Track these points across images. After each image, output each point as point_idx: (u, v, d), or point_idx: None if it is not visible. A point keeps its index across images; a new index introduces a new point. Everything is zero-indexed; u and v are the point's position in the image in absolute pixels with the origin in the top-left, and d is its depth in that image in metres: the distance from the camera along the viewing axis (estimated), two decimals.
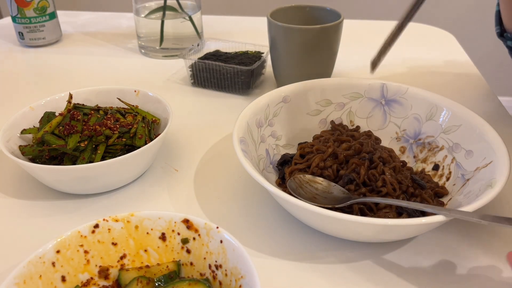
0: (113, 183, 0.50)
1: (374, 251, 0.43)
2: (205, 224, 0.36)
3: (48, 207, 0.48)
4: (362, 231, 0.40)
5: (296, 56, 0.65)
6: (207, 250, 0.36)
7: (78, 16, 1.04)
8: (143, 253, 0.38)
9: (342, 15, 0.65)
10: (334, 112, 0.57)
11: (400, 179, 0.46)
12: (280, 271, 0.41)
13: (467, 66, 0.80)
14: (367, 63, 0.45)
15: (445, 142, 0.50)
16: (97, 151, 0.49)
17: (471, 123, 0.48)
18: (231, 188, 0.51)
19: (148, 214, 0.37)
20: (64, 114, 0.52)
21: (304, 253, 0.43)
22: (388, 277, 0.40)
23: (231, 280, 0.34)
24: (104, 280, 0.37)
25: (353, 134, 0.52)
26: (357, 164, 0.46)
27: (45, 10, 0.85)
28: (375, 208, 0.44)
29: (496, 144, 0.44)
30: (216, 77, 0.70)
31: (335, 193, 0.45)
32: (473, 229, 0.45)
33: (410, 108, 0.54)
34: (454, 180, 0.47)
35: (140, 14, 0.81)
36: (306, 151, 0.50)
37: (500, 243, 0.43)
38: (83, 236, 0.36)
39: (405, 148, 0.54)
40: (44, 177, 0.48)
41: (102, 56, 0.85)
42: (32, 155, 0.50)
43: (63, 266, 0.35)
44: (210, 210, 0.48)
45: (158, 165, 0.55)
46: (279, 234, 0.45)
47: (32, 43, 0.87)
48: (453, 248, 0.43)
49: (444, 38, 0.92)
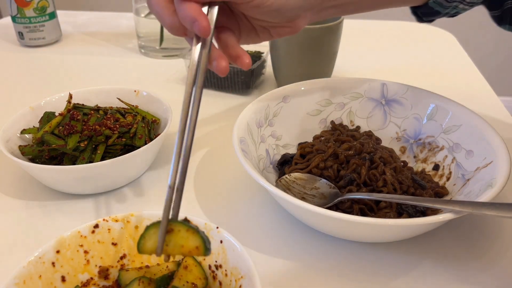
0: (113, 183, 0.50)
1: (374, 251, 0.43)
2: (205, 224, 0.36)
3: (47, 207, 0.48)
4: (362, 231, 0.40)
5: (296, 56, 0.64)
6: None
7: (78, 16, 1.04)
8: None
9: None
10: (334, 112, 0.57)
11: (400, 179, 0.45)
12: (280, 271, 0.41)
13: (468, 66, 0.79)
14: (367, 63, 0.45)
15: (446, 142, 0.50)
16: (97, 151, 0.49)
17: (471, 123, 0.48)
18: (231, 188, 0.51)
19: (148, 214, 0.37)
20: (64, 114, 0.52)
21: (303, 253, 0.43)
22: (388, 277, 0.40)
23: (231, 280, 0.34)
24: (104, 280, 0.37)
25: (354, 134, 0.52)
26: (358, 164, 0.46)
27: (45, 10, 0.85)
28: (376, 208, 0.44)
29: (496, 144, 0.44)
30: (216, 77, 0.70)
31: (322, 188, 0.45)
32: (474, 228, 0.45)
33: (410, 108, 0.54)
34: (454, 180, 0.47)
35: (140, 14, 0.81)
36: (306, 151, 0.50)
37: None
38: (83, 236, 0.36)
39: (405, 148, 0.54)
40: (43, 177, 0.48)
41: (102, 56, 0.85)
42: (32, 155, 0.49)
43: (63, 266, 0.35)
44: (210, 210, 0.48)
45: (158, 165, 0.55)
46: (279, 234, 0.45)
47: (32, 43, 0.87)
48: (454, 248, 0.43)
49: (445, 38, 0.92)
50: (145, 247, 0.31)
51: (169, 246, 0.31)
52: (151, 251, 0.31)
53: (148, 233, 0.31)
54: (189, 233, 0.31)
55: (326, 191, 0.45)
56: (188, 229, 0.31)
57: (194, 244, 0.31)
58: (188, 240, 0.31)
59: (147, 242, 0.31)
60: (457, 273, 0.40)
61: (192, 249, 0.31)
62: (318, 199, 0.45)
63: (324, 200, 0.45)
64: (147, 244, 0.31)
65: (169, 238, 0.31)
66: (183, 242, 0.31)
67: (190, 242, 0.31)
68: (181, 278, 0.35)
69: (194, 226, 0.31)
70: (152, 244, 0.31)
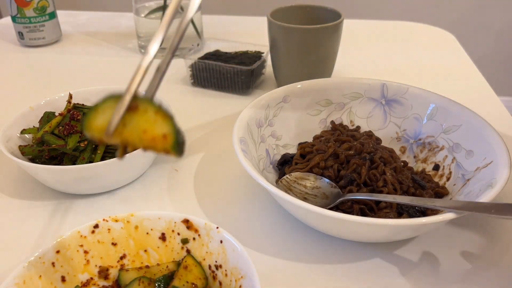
0: (113, 183, 0.50)
1: (374, 251, 0.43)
2: (205, 224, 0.36)
3: (48, 207, 0.48)
4: (362, 231, 0.40)
5: (296, 56, 0.64)
6: (207, 250, 0.36)
7: (78, 16, 1.04)
8: (143, 253, 0.37)
9: (342, 15, 0.65)
10: (334, 112, 0.57)
11: (401, 179, 0.45)
12: (280, 272, 0.41)
13: (468, 66, 0.79)
14: (367, 63, 0.45)
15: (446, 142, 0.50)
16: (97, 151, 0.49)
17: (471, 123, 0.48)
18: (231, 188, 0.51)
19: (148, 214, 0.37)
20: (64, 114, 0.52)
21: (304, 253, 0.43)
22: (389, 277, 0.40)
23: (231, 281, 0.34)
24: (104, 280, 0.37)
25: (354, 134, 0.52)
26: (358, 164, 0.46)
27: (45, 10, 0.85)
28: (376, 208, 0.44)
29: (496, 144, 0.44)
30: (216, 77, 0.70)
31: (323, 188, 0.45)
32: (475, 227, 0.45)
33: (411, 108, 0.54)
34: (454, 180, 0.47)
35: (140, 14, 0.81)
36: (306, 151, 0.50)
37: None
38: (83, 236, 0.36)
39: (405, 148, 0.54)
40: (43, 177, 0.48)
41: (102, 56, 0.85)
42: (32, 155, 0.49)
43: (63, 266, 0.35)
44: (210, 210, 0.48)
45: (158, 165, 0.55)
46: (279, 234, 0.45)
47: (32, 43, 0.87)
48: (454, 248, 0.43)
49: (445, 38, 0.92)
50: (94, 123, 0.23)
51: (126, 127, 0.23)
52: (101, 130, 0.23)
53: (103, 105, 0.23)
54: (158, 116, 0.24)
55: (328, 191, 0.45)
56: (158, 111, 0.24)
57: (161, 131, 0.24)
58: (155, 124, 0.23)
59: (99, 117, 0.23)
60: (458, 273, 0.40)
61: (157, 136, 0.23)
62: (320, 199, 0.45)
63: (326, 200, 0.45)
64: (99, 119, 0.23)
65: (130, 117, 0.23)
66: (146, 126, 0.23)
67: (156, 128, 0.23)
68: (181, 278, 0.35)
69: (167, 111, 0.24)
70: (104, 120, 0.23)
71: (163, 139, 0.23)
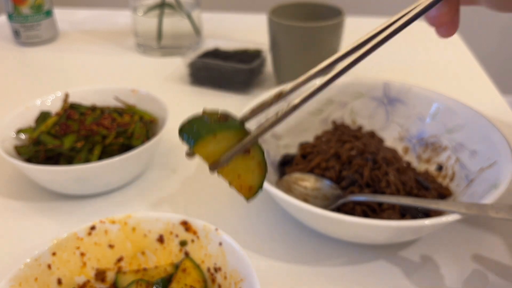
0: (110, 184, 0.49)
1: (375, 253, 0.42)
2: (203, 226, 0.35)
3: (44, 209, 0.48)
4: (364, 233, 0.39)
5: (297, 54, 0.64)
6: (206, 252, 0.35)
7: (75, 13, 1.04)
8: (140, 255, 0.37)
9: (343, 12, 0.64)
10: (336, 111, 0.56)
11: (404, 180, 0.45)
12: (280, 274, 0.40)
13: (471, 65, 0.79)
14: (369, 62, 0.44)
15: (449, 142, 0.49)
16: (94, 151, 0.48)
17: (475, 122, 0.47)
18: (230, 189, 0.50)
19: (145, 216, 0.37)
20: (60, 113, 0.51)
21: (304, 255, 0.42)
22: (391, 279, 0.40)
23: (230, 283, 0.33)
24: (101, 283, 0.36)
25: (356, 134, 0.52)
26: (360, 165, 0.45)
27: (41, 8, 0.84)
28: (378, 209, 0.43)
29: (500, 144, 0.44)
30: (215, 76, 0.69)
31: (324, 189, 0.44)
32: (477, 228, 0.44)
33: (413, 108, 0.53)
34: (458, 181, 0.46)
35: (138, 12, 0.80)
36: (307, 152, 0.50)
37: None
38: (79, 238, 0.35)
39: (408, 148, 0.53)
40: (40, 178, 0.47)
41: (99, 55, 0.84)
42: (27, 155, 0.49)
43: (59, 268, 0.34)
44: (208, 212, 0.47)
45: (156, 166, 0.54)
46: (279, 236, 0.44)
47: (29, 42, 0.86)
48: (457, 248, 0.42)
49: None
50: (206, 147, 0.23)
51: (229, 166, 0.24)
52: (208, 156, 0.24)
53: (222, 133, 0.24)
54: (258, 168, 0.24)
55: (328, 192, 0.44)
56: (261, 163, 0.24)
57: (252, 183, 0.24)
58: (251, 174, 0.24)
59: (213, 144, 0.23)
60: (461, 274, 0.40)
61: (245, 185, 0.24)
62: (320, 200, 0.44)
63: (327, 202, 0.44)
64: (211, 146, 0.24)
65: (237, 158, 0.24)
66: (243, 173, 0.24)
67: (249, 178, 0.24)
68: (179, 281, 0.34)
69: (266, 166, 0.25)
70: (214, 150, 0.24)
71: (248, 189, 0.25)
